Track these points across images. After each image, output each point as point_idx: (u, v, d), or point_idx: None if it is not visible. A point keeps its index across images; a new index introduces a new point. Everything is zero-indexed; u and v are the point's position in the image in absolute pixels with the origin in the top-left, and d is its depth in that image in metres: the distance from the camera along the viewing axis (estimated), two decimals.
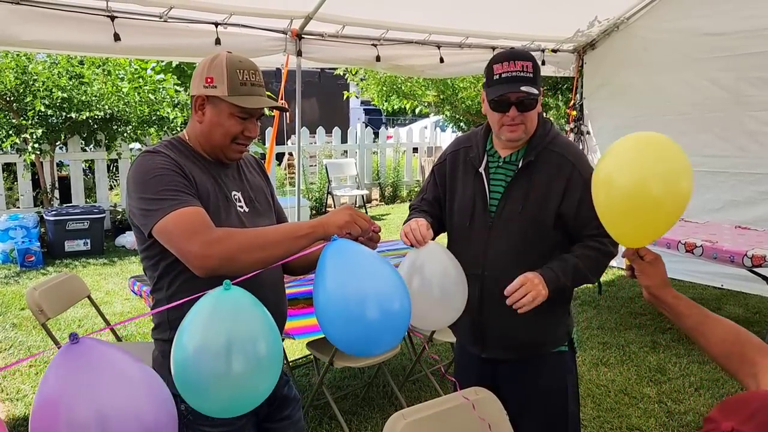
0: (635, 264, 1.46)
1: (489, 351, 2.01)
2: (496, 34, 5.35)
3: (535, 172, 1.89)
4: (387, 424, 1.67)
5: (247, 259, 1.44)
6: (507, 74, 1.81)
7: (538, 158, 1.89)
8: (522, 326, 1.90)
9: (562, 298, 1.98)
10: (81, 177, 8.00)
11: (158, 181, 1.49)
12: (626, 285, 5.76)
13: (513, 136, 1.87)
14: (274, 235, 1.48)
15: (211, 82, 1.56)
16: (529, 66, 1.82)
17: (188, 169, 1.56)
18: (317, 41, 4.60)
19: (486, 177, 1.95)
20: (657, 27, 5.61)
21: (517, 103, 1.82)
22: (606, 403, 3.48)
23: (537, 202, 1.88)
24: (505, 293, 1.75)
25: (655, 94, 5.70)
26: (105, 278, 6.14)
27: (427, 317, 1.82)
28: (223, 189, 1.64)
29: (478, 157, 1.97)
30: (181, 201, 1.47)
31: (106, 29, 3.58)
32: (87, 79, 7.31)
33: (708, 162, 5.45)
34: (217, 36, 4.02)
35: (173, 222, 1.44)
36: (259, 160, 1.91)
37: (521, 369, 2.00)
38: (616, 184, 1.42)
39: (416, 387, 3.72)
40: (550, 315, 1.96)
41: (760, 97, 5.04)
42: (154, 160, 1.53)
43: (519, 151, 1.93)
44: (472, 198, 1.96)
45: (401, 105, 8.57)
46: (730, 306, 5.12)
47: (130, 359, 1.15)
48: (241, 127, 1.60)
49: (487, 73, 1.88)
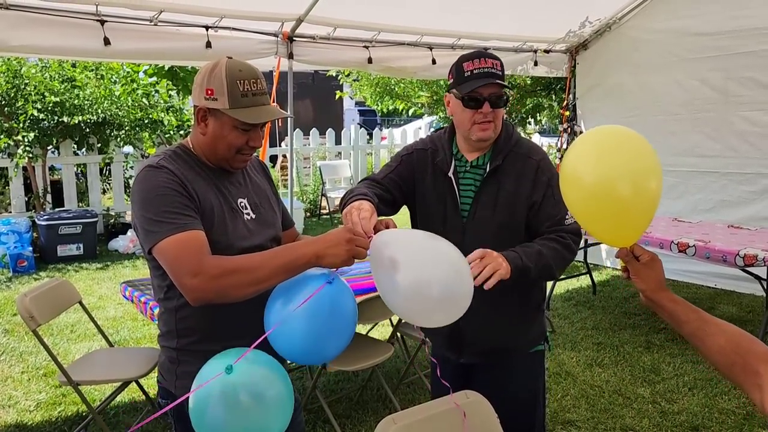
0: (630, 265, 1.37)
1: (466, 356, 2.01)
2: (488, 35, 5.36)
3: (502, 175, 1.90)
4: (377, 428, 1.66)
5: (240, 294, 1.45)
6: (479, 70, 1.81)
7: (505, 162, 1.90)
8: (499, 330, 1.94)
9: (535, 295, 2.02)
10: (73, 181, 7.96)
11: (160, 202, 1.48)
12: (620, 285, 5.77)
13: (484, 135, 1.86)
14: (269, 270, 1.44)
15: (211, 94, 1.53)
16: (498, 65, 1.84)
17: (192, 183, 1.55)
18: (309, 44, 4.60)
19: (455, 181, 1.94)
20: (647, 27, 5.63)
21: (490, 99, 1.82)
22: (600, 404, 3.48)
23: (507, 205, 1.89)
24: (468, 261, 1.60)
25: (646, 94, 5.73)
26: (98, 283, 6.11)
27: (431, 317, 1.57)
28: (228, 199, 1.63)
29: (445, 160, 1.95)
30: (179, 225, 1.46)
31: (96, 34, 3.57)
32: (79, 83, 7.28)
33: (699, 162, 5.47)
34: (207, 39, 4.01)
35: (171, 248, 1.44)
36: (262, 162, 1.91)
37: (496, 372, 2.00)
38: (581, 184, 1.33)
39: (410, 390, 3.72)
40: (526, 316, 2.01)
41: (750, 97, 5.07)
42: (158, 178, 1.51)
43: (485, 155, 1.94)
44: (443, 202, 1.95)
45: (395, 106, 8.57)
46: (723, 305, 5.14)
47: None
48: (245, 138, 1.59)
49: (456, 72, 1.86)
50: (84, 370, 2.97)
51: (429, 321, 1.58)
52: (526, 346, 2.03)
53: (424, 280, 1.44)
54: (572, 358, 4.10)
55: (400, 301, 1.48)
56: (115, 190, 8.37)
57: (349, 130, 11.17)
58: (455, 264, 1.50)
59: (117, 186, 8.32)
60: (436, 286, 1.45)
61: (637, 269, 1.36)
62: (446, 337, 2.01)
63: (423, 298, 1.46)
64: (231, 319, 1.59)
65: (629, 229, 1.34)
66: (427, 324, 1.62)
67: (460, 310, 1.49)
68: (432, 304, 1.47)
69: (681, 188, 5.63)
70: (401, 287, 1.45)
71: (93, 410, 2.93)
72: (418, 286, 1.44)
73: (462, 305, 1.49)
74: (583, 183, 1.31)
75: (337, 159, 10.66)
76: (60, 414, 3.43)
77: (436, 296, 1.45)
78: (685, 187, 5.61)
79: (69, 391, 3.58)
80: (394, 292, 1.47)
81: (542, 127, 16.18)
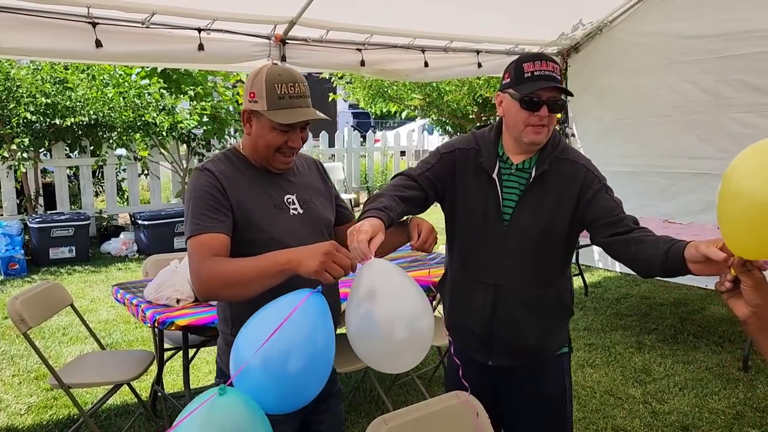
0: (745, 276, 1.17)
1: (496, 358, 1.98)
2: (480, 37, 5.37)
3: (549, 181, 1.85)
4: (368, 429, 1.67)
5: (226, 295, 1.61)
6: (540, 72, 1.76)
7: (551, 167, 1.85)
8: (532, 333, 1.93)
9: (567, 300, 2.00)
10: (66, 183, 7.94)
11: (195, 203, 1.66)
12: (612, 286, 5.80)
13: (538, 138, 1.81)
14: (249, 274, 1.52)
15: (253, 97, 1.66)
16: (557, 69, 1.79)
17: (231, 184, 1.68)
18: (301, 46, 4.60)
19: (499, 183, 1.88)
20: (639, 30, 5.67)
21: (548, 103, 1.77)
22: (591, 404, 3.50)
23: (551, 211, 1.85)
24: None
25: (638, 97, 5.76)
26: (90, 285, 6.09)
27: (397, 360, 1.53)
28: (273, 196, 1.74)
29: (489, 161, 1.89)
30: (202, 228, 1.62)
31: (88, 36, 3.55)
32: (71, 85, 7.26)
33: (690, 164, 5.51)
34: (200, 42, 4.00)
35: (190, 247, 1.63)
36: (319, 163, 1.99)
37: (525, 374, 1.98)
38: (753, 195, 1.13)
39: (403, 391, 3.72)
40: (557, 320, 1.99)
41: (740, 99, 5.10)
42: (200, 180, 1.68)
43: (531, 159, 1.88)
44: (484, 203, 1.89)
45: (388, 108, 8.58)
46: (714, 306, 5.17)
47: None
48: (283, 139, 1.68)
49: (515, 72, 1.81)
50: (75, 373, 2.96)
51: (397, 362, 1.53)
52: (554, 349, 2.02)
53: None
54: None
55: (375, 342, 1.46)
56: (107, 193, 8.34)
57: (343, 133, 11.18)
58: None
59: (110, 188, 8.30)
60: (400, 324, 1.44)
61: (756, 282, 1.16)
62: (477, 338, 1.97)
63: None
64: None
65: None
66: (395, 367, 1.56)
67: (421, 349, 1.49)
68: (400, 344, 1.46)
69: (673, 190, 5.66)
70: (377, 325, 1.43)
71: (84, 413, 2.92)
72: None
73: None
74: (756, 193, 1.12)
75: (330, 161, 10.67)
76: (51, 417, 3.41)
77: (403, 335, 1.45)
78: (677, 189, 5.64)
79: (60, 394, 3.56)
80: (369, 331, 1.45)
81: None
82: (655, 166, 5.69)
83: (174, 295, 2.86)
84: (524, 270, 1.87)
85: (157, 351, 3.19)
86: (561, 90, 1.78)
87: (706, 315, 4.98)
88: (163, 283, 2.89)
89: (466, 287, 1.95)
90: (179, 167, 8.40)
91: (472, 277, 1.93)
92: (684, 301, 5.35)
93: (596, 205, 1.82)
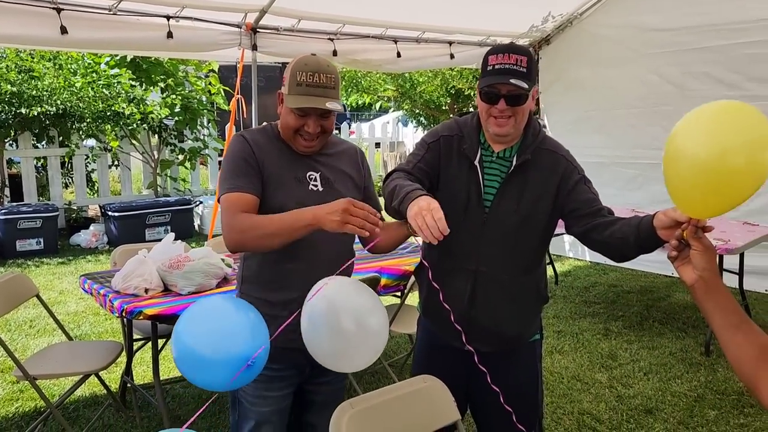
0: (696, 241, 1.23)
1: (473, 344, 1.95)
2: (452, 29, 5.40)
3: (530, 170, 1.88)
4: (335, 413, 1.68)
5: (254, 245, 1.77)
6: (500, 66, 1.79)
7: (533, 156, 1.88)
8: (510, 320, 1.97)
9: (544, 287, 2.04)
10: (33, 174, 7.77)
11: (230, 165, 1.84)
12: (581, 275, 5.90)
13: (500, 131, 1.83)
14: (276, 227, 1.71)
15: (284, 81, 1.83)
16: (524, 60, 1.79)
17: (263, 151, 1.85)
18: (273, 35, 4.58)
19: (481, 170, 1.91)
20: (607, 23, 5.76)
21: (506, 96, 1.79)
22: (559, 390, 3.57)
23: (532, 201, 1.88)
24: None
25: (606, 89, 5.86)
26: (59, 278, 6.00)
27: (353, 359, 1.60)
28: (296, 170, 1.88)
29: (472, 148, 1.92)
30: (235, 186, 1.80)
31: (52, 22, 3.49)
32: (37, 73, 7.10)
33: (657, 155, 5.54)
34: (169, 29, 3.96)
35: (224, 203, 1.80)
36: (360, 152, 2.08)
37: (500, 360, 1.99)
38: (693, 157, 1.21)
39: (375, 379, 3.75)
40: (535, 308, 2.04)
41: (705, 91, 5.22)
42: (235, 146, 1.87)
43: (513, 148, 1.91)
44: (467, 190, 1.91)
45: (362, 100, 8.58)
46: (678, 293, 5.30)
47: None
48: (300, 123, 1.82)
49: (483, 65, 1.86)
50: (41, 364, 2.92)
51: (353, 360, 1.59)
52: (528, 336, 2.06)
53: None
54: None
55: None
56: (77, 184, 8.19)
57: None
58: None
59: (79, 179, 8.15)
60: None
61: (704, 245, 1.23)
62: (452, 323, 1.93)
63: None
64: (282, 271, 1.87)
65: (728, 200, 1.21)
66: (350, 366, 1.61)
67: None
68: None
69: (640, 180, 5.78)
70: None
71: (51, 405, 2.89)
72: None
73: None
74: (696, 155, 1.20)
75: None
76: (17, 410, 3.37)
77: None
78: (644, 179, 5.75)
79: (26, 387, 3.52)
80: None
81: None
82: (623, 156, 5.80)
83: (142, 285, 2.83)
84: (504, 257, 1.90)
85: (125, 341, 3.17)
86: (520, 84, 1.76)
87: (671, 302, 5.10)
88: (131, 273, 2.86)
89: (446, 273, 1.95)
90: (150, 158, 8.29)
91: (452, 264, 1.95)
92: (650, 288, 5.47)
93: (575, 197, 1.87)
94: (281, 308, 1.82)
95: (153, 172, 8.33)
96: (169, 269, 2.89)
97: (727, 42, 5.03)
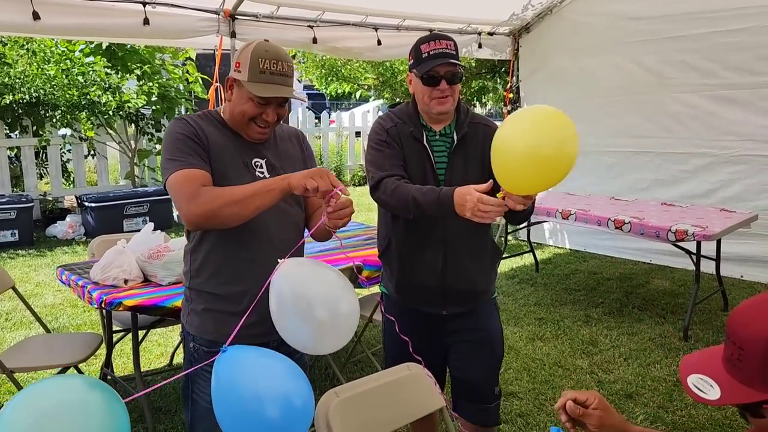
0: (588, 419, 1.39)
1: (450, 308, 2.19)
2: (432, 16, 5.37)
3: (469, 141, 2.13)
4: (320, 401, 1.68)
5: (226, 213, 1.65)
6: (435, 51, 2.03)
7: (470, 130, 2.14)
8: (479, 278, 2.20)
9: (494, 245, 2.29)
10: (6, 165, 7.61)
11: (174, 144, 1.73)
12: (562, 263, 5.95)
13: (442, 108, 2.07)
14: (247, 191, 1.65)
15: (238, 66, 1.76)
16: (452, 45, 2.06)
17: (207, 134, 1.77)
18: (251, 22, 4.51)
19: (430, 148, 2.13)
20: (586, 11, 5.77)
21: (446, 77, 2.04)
22: (541, 376, 3.60)
23: (476, 168, 2.11)
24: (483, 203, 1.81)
25: (585, 77, 5.88)
26: (35, 270, 5.90)
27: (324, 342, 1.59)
28: (241, 156, 1.81)
29: (418, 130, 2.14)
30: (186, 163, 1.70)
31: (24, 8, 3.40)
32: (9, 60, 6.93)
33: (635, 143, 5.68)
34: (145, 16, 3.88)
35: (176, 181, 1.68)
36: (301, 134, 2.08)
37: (472, 317, 2.22)
38: (515, 147, 1.65)
39: (358, 368, 3.75)
40: (492, 264, 2.29)
41: (682, 80, 5.27)
42: (175, 126, 1.77)
43: (450, 125, 2.16)
44: (422, 169, 2.12)
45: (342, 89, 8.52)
46: (657, 280, 5.37)
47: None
48: (259, 111, 1.76)
49: (415, 53, 2.09)
50: (19, 357, 2.87)
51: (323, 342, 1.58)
52: (492, 291, 2.30)
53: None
54: (515, 333, 4.22)
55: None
56: (52, 174, 8.04)
57: (297, 114, 11.06)
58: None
59: (54, 170, 8.00)
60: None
61: (599, 417, 1.38)
62: (430, 291, 2.17)
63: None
64: (235, 263, 1.79)
65: (542, 182, 1.69)
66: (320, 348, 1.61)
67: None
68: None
69: (618, 168, 5.83)
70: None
71: None
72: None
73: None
74: (517, 146, 1.64)
75: None
76: None
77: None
78: (622, 168, 5.81)
79: (4, 380, 3.45)
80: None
81: (489, 112, 16.38)
82: (602, 145, 5.84)
83: (122, 276, 2.79)
84: (464, 222, 1.97)
85: (105, 333, 3.12)
86: (456, 64, 2.05)
87: (650, 289, 5.17)
88: (110, 264, 2.82)
89: (416, 247, 2.15)
90: (127, 148, 8.17)
91: (421, 238, 2.13)
92: (629, 275, 5.54)
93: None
94: (235, 303, 1.78)
95: (130, 161, 8.20)
96: (148, 260, 2.85)
97: (705, 30, 5.08)
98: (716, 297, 4.67)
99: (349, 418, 1.69)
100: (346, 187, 1.68)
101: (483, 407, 2.28)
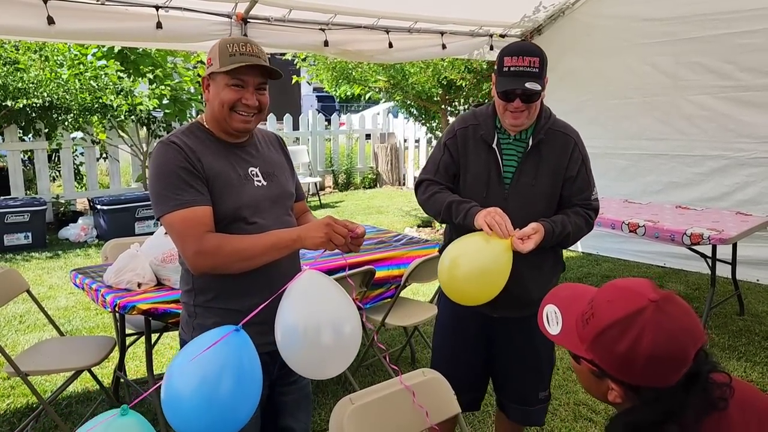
0: None
1: (500, 311, 2.20)
2: (444, 18, 5.36)
3: (544, 149, 2.11)
4: (335, 408, 1.67)
5: (233, 269, 1.67)
6: (515, 68, 1.97)
7: (546, 136, 2.12)
8: (534, 286, 2.16)
9: (561, 257, 2.31)
10: (20, 168, 7.66)
11: (167, 177, 1.66)
12: (574, 266, 5.91)
13: (515, 122, 2.06)
14: (259, 248, 1.66)
15: (209, 62, 1.75)
16: (537, 62, 1.97)
17: (200, 155, 1.71)
18: (263, 26, 4.52)
19: (499, 152, 2.13)
20: (600, 13, 5.74)
21: (522, 96, 2.00)
22: (555, 380, 3.57)
23: (547, 176, 2.11)
24: (519, 237, 1.94)
25: (599, 79, 5.84)
26: (48, 272, 5.93)
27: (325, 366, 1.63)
28: (237, 168, 1.78)
29: (489, 134, 2.14)
30: (184, 202, 1.65)
31: (39, 12, 3.42)
32: (23, 65, 6.99)
33: (649, 145, 5.63)
34: (158, 20, 3.89)
35: (176, 223, 1.65)
36: (280, 138, 2.04)
37: (524, 324, 2.19)
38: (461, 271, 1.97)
39: (369, 372, 3.74)
40: (554, 270, 2.27)
41: (697, 81, 5.23)
42: (167, 154, 1.69)
43: (527, 131, 2.13)
44: (487, 171, 2.13)
45: (352, 91, 8.51)
46: (671, 284, 5.32)
47: None
48: (238, 96, 1.72)
49: (499, 62, 2.04)
50: (33, 360, 2.88)
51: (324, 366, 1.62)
52: None
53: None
54: None
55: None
56: (64, 177, 8.09)
57: (307, 116, 11.07)
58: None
59: (66, 172, 8.05)
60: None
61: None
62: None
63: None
64: (242, 281, 1.74)
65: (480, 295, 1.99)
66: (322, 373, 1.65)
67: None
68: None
69: (632, 171, 5.78)
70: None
71: (44, 401, 2.85)
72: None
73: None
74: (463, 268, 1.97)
75: (295, 144, 10.56)
76: (9, 406, 3.32)
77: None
78: (636, 170, 5.76)
79: (18, 383, 3.47)
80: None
81: None
82: (616, 147, 5.80)
83: (135, 279, 2.80)
84: None
85: (118, 336, 3.13)
86: (535, 84, 1.98)
87: None
88: (124, 267, 2.82)
89: None
90: (139, 151, 8.21)
91: None
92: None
93: (573, 184, 2.14)
94: (248, 314, 1.73)
95: (142, 164, 8.24)
96: (162, 263, 2.86)
97: (720, 32, 5.03)
98: (732, 301, 4.62)
99: (364, 425, 1.68)
100: (356, 190, 1.70)
101: (524, 409, 2.34)
